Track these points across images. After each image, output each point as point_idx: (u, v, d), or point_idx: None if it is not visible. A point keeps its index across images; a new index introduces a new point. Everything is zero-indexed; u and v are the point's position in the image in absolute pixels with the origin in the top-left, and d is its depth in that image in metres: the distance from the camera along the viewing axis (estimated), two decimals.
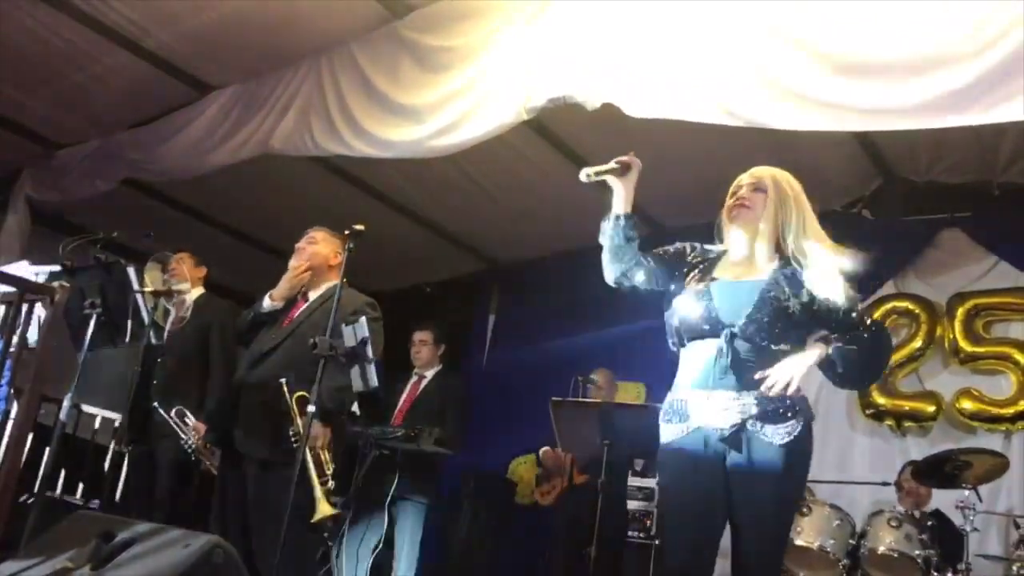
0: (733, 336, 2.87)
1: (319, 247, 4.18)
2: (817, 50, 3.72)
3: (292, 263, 4.18)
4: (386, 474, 5.16)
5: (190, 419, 4.74)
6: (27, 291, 3.38)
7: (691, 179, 6.33)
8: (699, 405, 2.88)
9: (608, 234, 3.06)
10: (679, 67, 4.05)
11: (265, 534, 3.55)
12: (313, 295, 4.15)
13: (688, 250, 3.24)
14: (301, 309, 4.12)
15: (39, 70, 5.95)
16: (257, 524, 3.68)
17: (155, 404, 4.74)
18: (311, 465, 3.64)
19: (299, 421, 3.68)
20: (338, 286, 3.81)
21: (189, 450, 4.69)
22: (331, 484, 3.73)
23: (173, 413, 4.71)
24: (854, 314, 2.98)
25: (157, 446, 4.80)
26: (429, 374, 5.73)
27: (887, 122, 3.75)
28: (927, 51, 3.48)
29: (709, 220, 6.82)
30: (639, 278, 3.08)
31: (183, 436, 4.70)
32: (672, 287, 3.08)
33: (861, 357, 2.95)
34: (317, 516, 3.60)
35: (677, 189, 6.46)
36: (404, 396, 5.67)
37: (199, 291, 5.23)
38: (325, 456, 3.77)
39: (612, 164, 3.05)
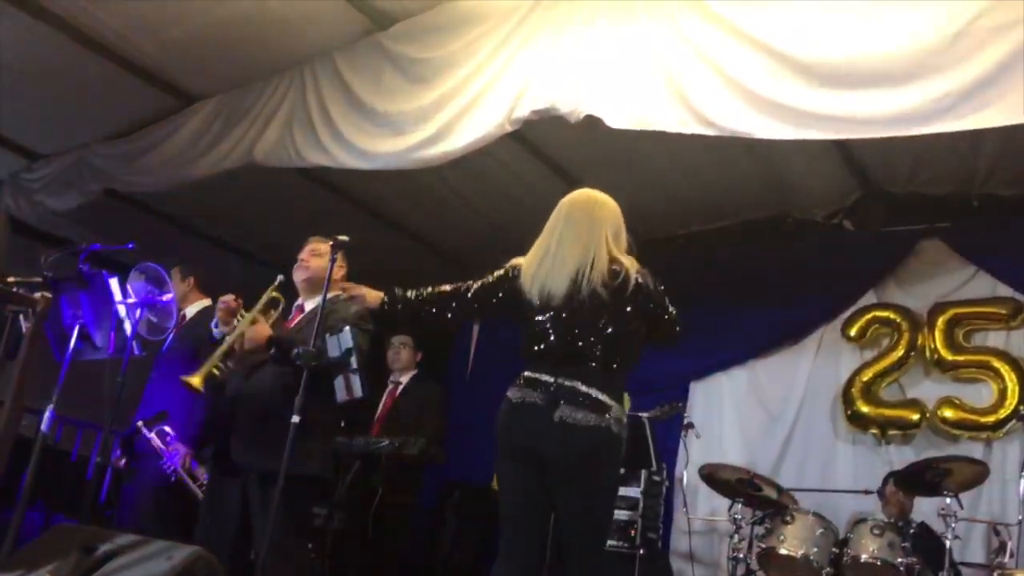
0: None
1: (323, 260, 4.15)
2: (795, 61, 3.78)
3: (296, 276, 4.17)
4: (370, 484, 5.17)
5: (172, 439, 4.64)
6: (9, 302, 3.36)
7: (673, 193, 6.38)
8: None
9: None
10: (658, 79, 4.10)
11: (269, 544, 3.53)
12: (309, 306, 4.13)
13: None
14: (297, 320, 4.11)
15: (19, 80, 5.93)
16: (261, 535, 3.66)
17: (139, 423, 4.65)
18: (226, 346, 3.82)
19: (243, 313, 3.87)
20: (325, 292, 3.81)
21: (169, 471, 4.59)
22: (217, 373, 3.87)
23: (155, 433, 4.62)
24: None
25: (141, 465, 4.71)
26: (405, 380, 5.78)
27: (863, 130, 3.80)
28: (904, 61, 3.55)
29: (687, 233, 6.88)
30: None
31: (164, 457, 4.61)
32: None
33: None
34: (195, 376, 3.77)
35: (658, 203, 6.51)
36: (381, 404, 5.71)
37: (199, 304, 5.11)
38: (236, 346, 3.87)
39: None
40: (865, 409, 5.95)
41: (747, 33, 3.91)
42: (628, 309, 3.14)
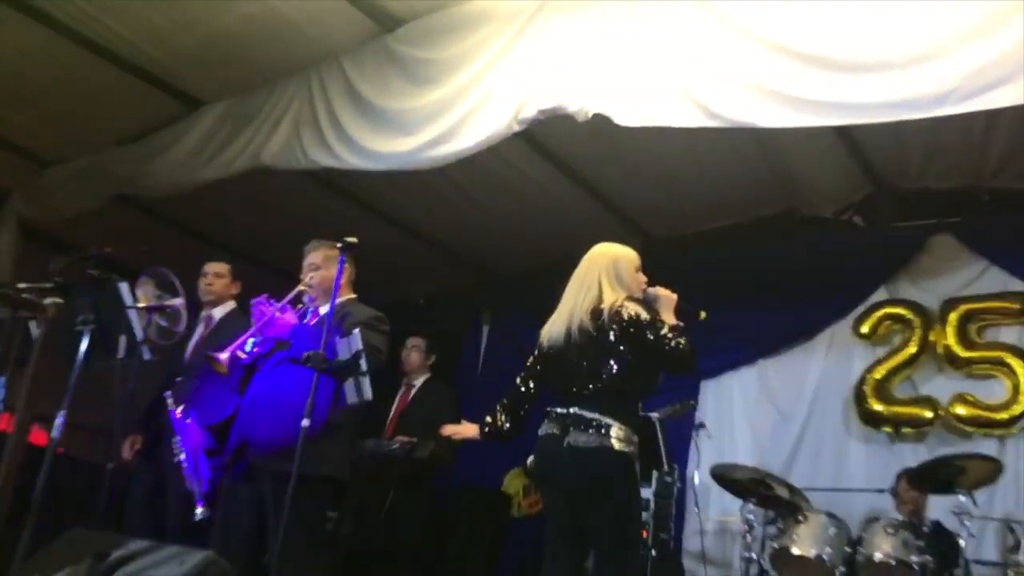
0: None
1: (323, 272, 4.17)
2: (795, 50, 3.79)
3: (304, 299, 4.21)
4: (382, 486, 5.17)
5: (194, 421, 4.47)
6: (20, 308, 3.37)
7: (683, 191, 6.37)
8: None
9: None
10: (663, 75, 4.11)
11: (281, 545, 3.55)
12: (324, 309, 4.15)
13: None
14: (312, 325, 4.13)
15: (29, 87, 5.94)
16: (274, 536, 3.68)
17: (167, 395, 4.52)
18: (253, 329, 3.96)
19: None
20: (334, 299, 3.87)
21: (180, 449, 4.42)
22: (241, 355, 4.01)
23: (180, 410, 4.50)
24: None
25: (168, 474, 4.58)
26: (418, 383, 5.80)
27: (866, 116, 3.83)
28: (907, 47, 3.56)
29: (697, 231, 6.86)
30: None
31: (179, 435, 4.45)
32: None
33: None
34: (224, 353, 3.90)
35: (667, 201, 6.50)
36: (394, 407, 5.73)
37: (228, 306, 5.04)
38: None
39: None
40: (878, 407, 5.91)
41: (746, 25, 3.93)
42: (616, 340, 3.43)
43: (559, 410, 3.49)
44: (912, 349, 5.94)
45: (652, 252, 6.97)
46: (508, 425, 3.72)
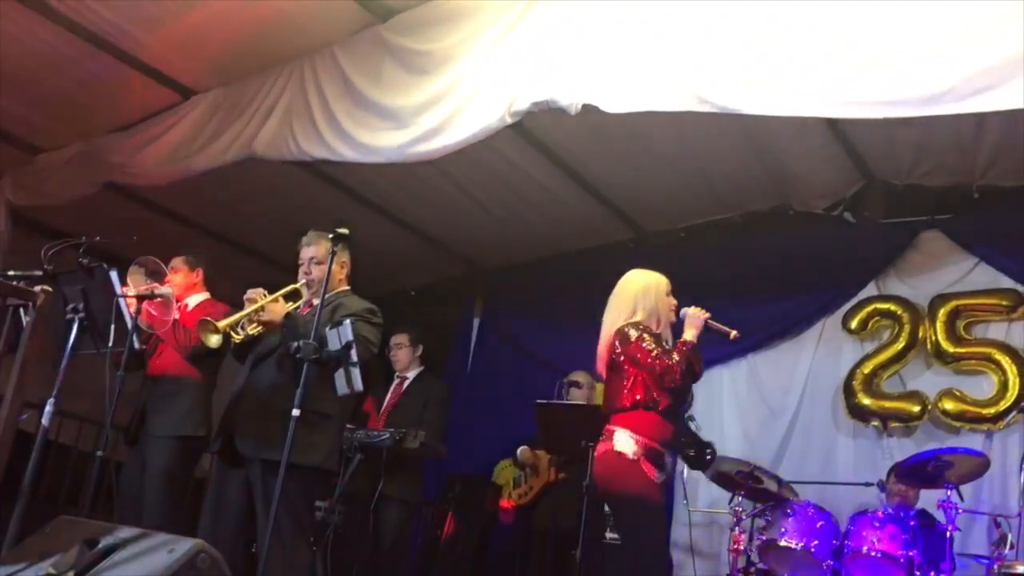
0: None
1: (325, 267, 4.13)
2: (790, 41, 3.78)
3: (303, 292, 4.20)
4: (371, 476, 5.17)
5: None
6: (9, 296, 3.35)
7: (675, 186, 6.38)
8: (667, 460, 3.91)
9: None
10: (654, 61, 4.10)
11: (270, 535, 3.55)
12: (318, 300, 4.14)
13: None
14: (304, 315, 4.12)
15: (20, 74, 5.91)
16: (263, 525, 3.68)
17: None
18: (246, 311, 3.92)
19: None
20: (324, 290, 3.88)
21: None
22: (235, 338, 3.97)
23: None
24: None
25: (147, 451, 4.74)
26: (411, 375, 5.79)
27: (857, 110, 3.84)
28: (903, 44, 3.55)
29: (688, 225, 6.88)
30: None
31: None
32: None
33: None
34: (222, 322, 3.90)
35: (659, 195, 6.51)
36: (387, 399, 5.72)
37: (199, 297, 5.11)
38: (250, 328, 3.98)
39: None
40: (866, 401, 5.94)
41: (742, 16, 3.92)
42: (622, 360, 3.91)
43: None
44: (901, 344, 5.97)
45: (643, 246, 7.03)
46: None
